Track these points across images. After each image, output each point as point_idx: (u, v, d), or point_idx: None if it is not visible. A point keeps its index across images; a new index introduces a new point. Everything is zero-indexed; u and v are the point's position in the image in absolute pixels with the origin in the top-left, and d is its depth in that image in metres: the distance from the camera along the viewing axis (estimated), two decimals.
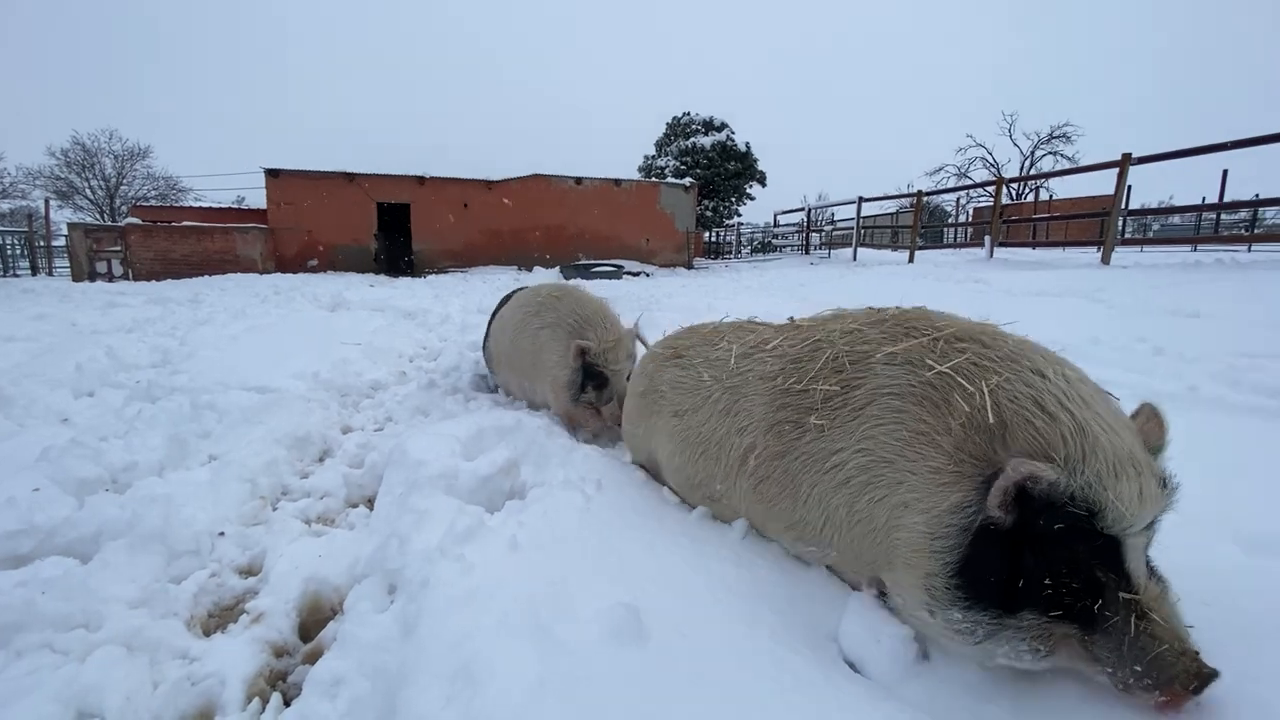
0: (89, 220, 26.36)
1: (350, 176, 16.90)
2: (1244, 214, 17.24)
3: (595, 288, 10.27)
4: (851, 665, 1.31)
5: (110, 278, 14.19)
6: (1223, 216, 17.90)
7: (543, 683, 1.18)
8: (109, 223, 22.65)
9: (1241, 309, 4.87)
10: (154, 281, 12.86)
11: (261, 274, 14.65)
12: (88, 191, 31.20)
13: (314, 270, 16.27)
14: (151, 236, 14.93)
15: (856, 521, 1.36)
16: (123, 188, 31.86)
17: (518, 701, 1.15)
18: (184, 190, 32.15)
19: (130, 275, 14.40)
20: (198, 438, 2.96)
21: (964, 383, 1.24)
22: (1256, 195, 10.63)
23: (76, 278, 14.07)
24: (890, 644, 1.28)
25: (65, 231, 15.79)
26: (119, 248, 14.54)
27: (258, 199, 18.41)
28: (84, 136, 30.53)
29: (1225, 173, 16.31)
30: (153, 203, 28.47)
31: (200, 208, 22.05)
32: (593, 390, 2.90)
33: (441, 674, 1.26)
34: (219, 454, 2.77)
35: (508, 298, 3.91)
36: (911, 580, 1.24)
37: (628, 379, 2.75)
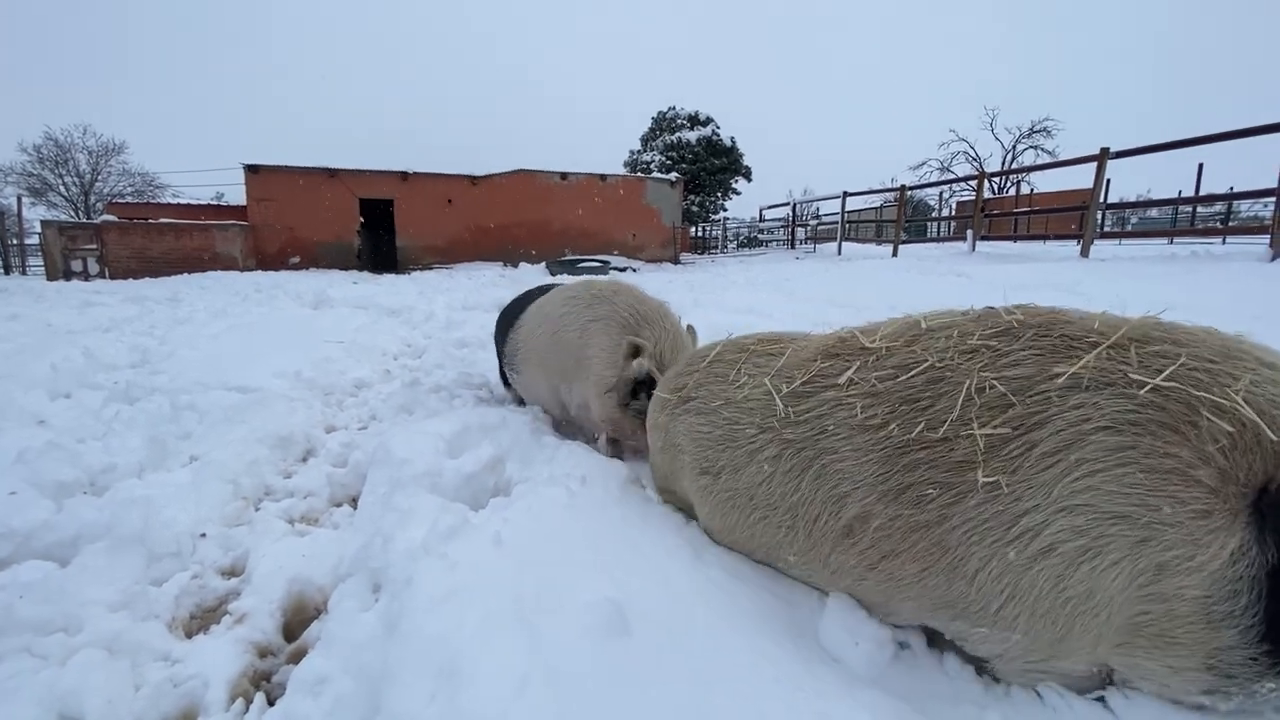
0: (63, 218, 25.85)
1: (332, 172, 16.70)
2: (1219, 207, 17.57)
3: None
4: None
5: (86, 276, 13.92)
6: (1199, 209, 18.22)
7: (527, 677, 1.19)
8: (84, 220, 22.21)
9: (1214, 301, 4.97)
10: (131, 280, 12.63)
11: (242, 272, 14.43)
12: (61, 188, 30.56)
13: (296, 268, 16.07)
14: (128, 234, 14.66)
15: (1067, 600, 1.07)
16: (98, 184, 31.24)
17: (502, 696, 1.16)
18: (161, 187, 31.57)
19: (106, 274, 14.13)
20: (178, 438, 2.93)
21: (1207, 395, 1.00)
22: (1231, 188, 10.86)
23: (51, 277, 13.78)
24: (868, 646, 1.30)
25: (39, 229, 15.46)
26: (95, 246, 14.26)
27: (237, 195, 18.16)
28: (57, 132, 29.89)
29: (1201, 166, 16.57)
30: (129, 200, 27.94)
31: (178, 204, 21.66)
32: (645, 397, 2.42)
33: (426, 671, 1.26)
34: (200, 455, 2.75)
35: (535, 292, 3.45)
36: (1182, 662, 1.01)
37: None
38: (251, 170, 16.13)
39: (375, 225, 17.85)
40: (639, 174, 20.93)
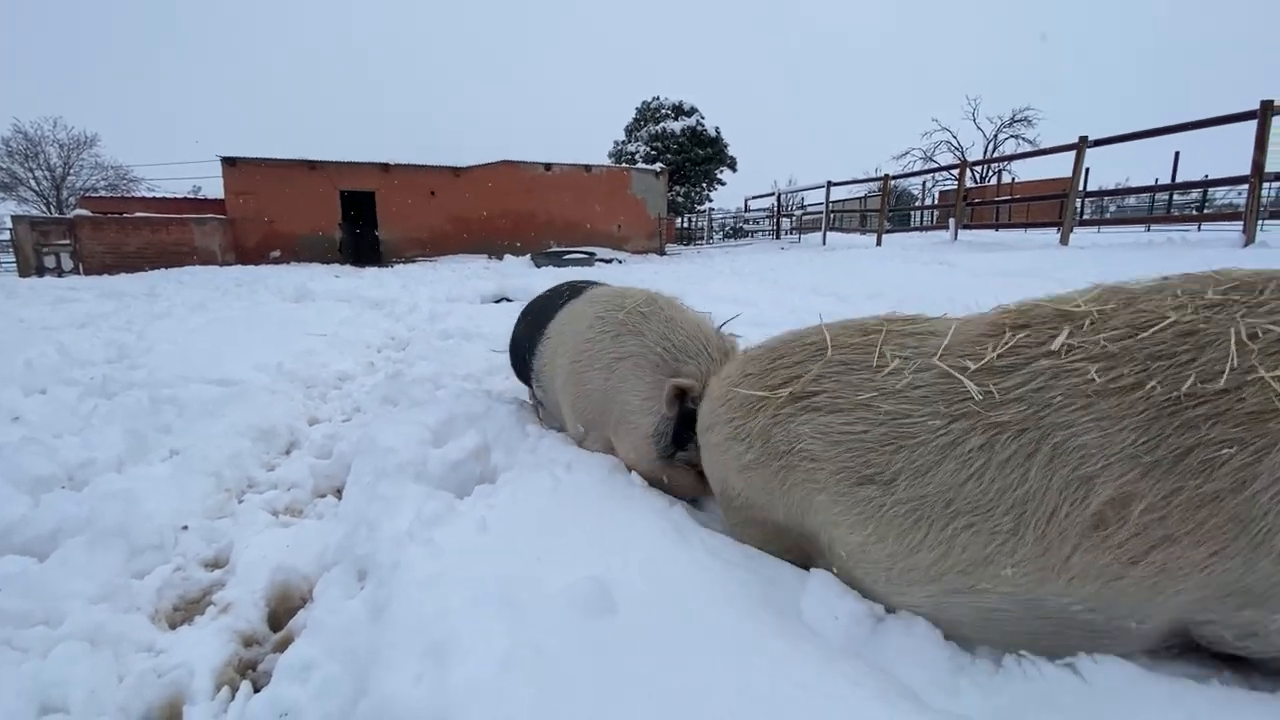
0: (34, 213, 25.25)
1: (312, 164, 16.47)
2: (1195, 194, 17.87)
3: (567, 276, 10.23)
4: None
5: (60, 272, 13.64)
6: (1175, 197, 18.52)
7: (512, 656, 1.20)
8: (56, 215, 21.72)
9: None
10: (106, 276, 12.39)
11: (221, 266, 14.22)
12: (32, 183, 29.84)
13: (277, 261, 15.86)
14: (102, 229, 14.37)
15: None
16: (70, 178, 30.55)
17: (488, 675, 1.17)
18: (135, 180, 30.94)
19: (81, 270, 13.85)
20: (158, 432, 2.89)
21: None
22: (1206, 176, 11.05)
23: (23, 273, 13.49)
24: (846, 620, 1.32)
25: (9, 225, 15.09)
26: (68, 241, 13.97)
27: (215, 189, 17.83)
28: (26, 125, 29.15)
29: (1177, 155, 16.85)
30: (102, 194, 27.34)
31: (154, 198, 21.23)
32: (696, 447, 1.97)
33: (412, 653, 1.27)
34: (181, 448, 2.72)
35: (566, 292, 2.90)
36: None
37: None
38: (229, 163, 15.86)
39: (357, 218, 17.65)
40: (624, 165, 20.85)
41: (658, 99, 23.20)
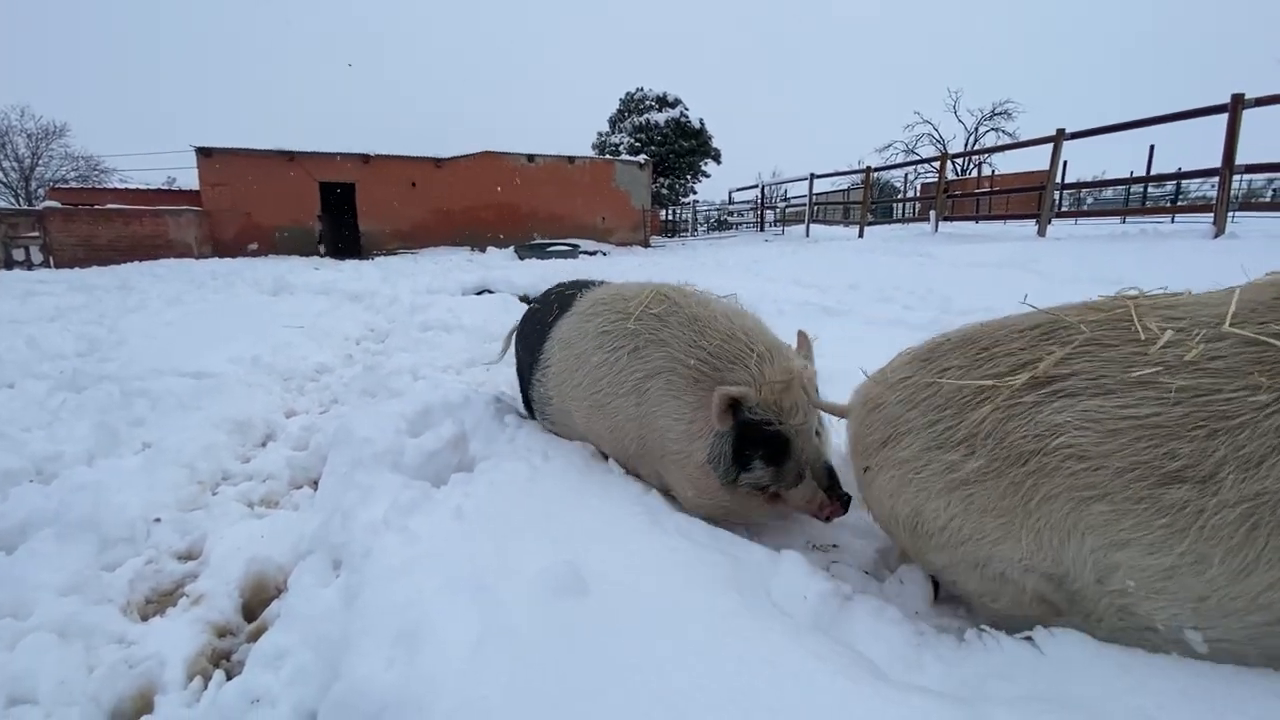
0: (2, 204, 24.57)
1: (290, 155, 16.19)
2: (1170, 187, 18.20)
3: (550, 268, 10.16)
4: None
5: (29, 266, 13.29)
6: (1150, 189, 18.84)
7: (484, 639, 1.22)
8: (25, 206, 21.15)
9: (1160, 276, 5.18)
10: (78, 269, 12.10)
11: (197, 259, 13.95)
12: None
13: (255, 254, 15.60)
14: (73, 221, 14.02)
15: None
16: (39, 169, 29.77)
17: (460, 657, 1.18)
18: (107, 171, 30.24)
19: (51, 263, 13.51)
20: (129, 425, 2.85)
21: None
22: (1179, 169, 11.26)
23: None
24: (814, 599, 1.35)
25: None
26: (37, 233, 13.61)
27: (189, 180, 17.48)
28: None
29: (1152, 148, 17.13)
30: (73, 185, 26.69)
31: (127, 189, 20.74)
32: (762, 465, 1.70)
33: (384, 638, 1.28)
34: (153, 441, 2.68)
35: (571, 291, 2.46)
36: None
37: (817, 434, 1.76)
38: (204, 153, 15.54)
39: (337, 210, 17.40)
40: (608, 156, 20.76)
41: (642, 90, 23.08)
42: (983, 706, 1.04)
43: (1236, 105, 6.96)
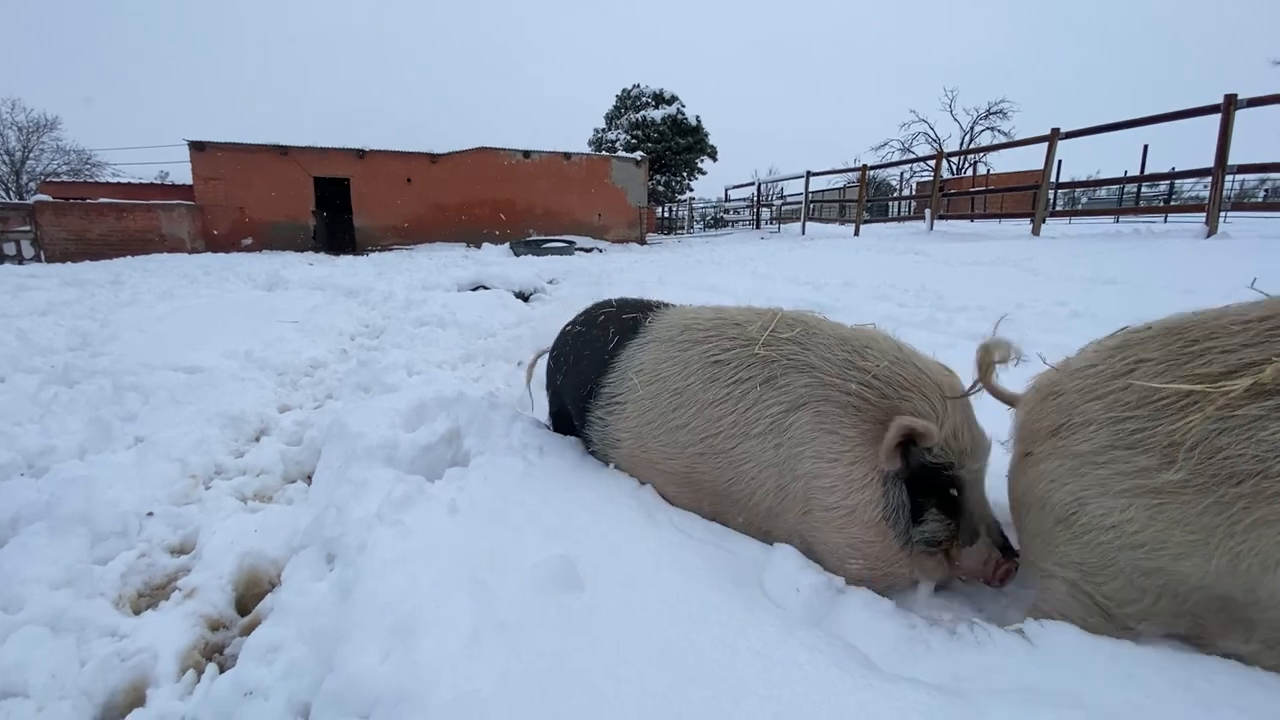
0: None
1: (284, 150, 16.10)
2: (1164, 186, 18.29)
3: (546, 264, 10.13)
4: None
5: (20, 260, 13.17)
6: (1144, 189, 18.93)
7: (478, 632, 1.22)
8: (16, 200, 20.98)
9: (1151, 275, 5.21)
10: (70, 263, 12.01)
11: (190, 254, 13.87)
12: None
13: (249, 249, 15.52)
14: (65, 215, 13.90)
15: None
16: (30, 162, 29.51)
17: (454, 650, 1.18)
18: (99, 165, 30.00)
19: (42, 257, 13.40)
20: (122, 420, 2.84)
21: None
22: (1173, 169, 11.33)
23: None
24: (807, 592, 1.36)
25: None
26: (28, 227, 13.49)
27: (183, 174, 17.34)
28: None
29: (1145, 148, 17.22)
30: (64, 178, 26.47)
31: (119, 183, 20.61)
32: (936, 517, 1.43)
33: (378, 631, 1.28)
34: (145, 436, 2.67)
35: (631, 314, 2.05)
36: None
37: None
38: (197, 147, 15.43)
39: (332, 205, 17.31)
40: (604, 153, 20.72)
41: (638, 87, 23.04)
42: (974, 698, 1.04)
43: (1229, 106, 7.00)
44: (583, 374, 2.02)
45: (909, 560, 1.45)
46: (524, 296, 7.20)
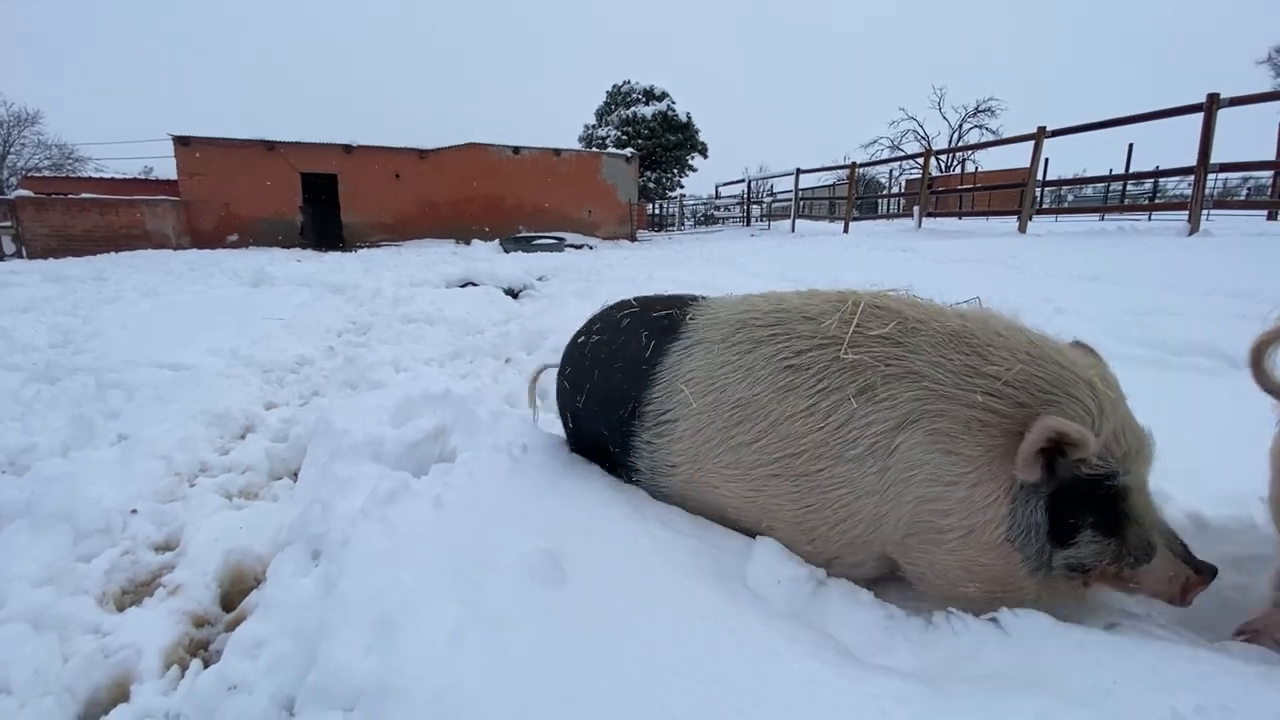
0: None
1: (270, 145, 15.95)
2: (1149, 184, 18.50)
3: (536, 261, 10.12)
4: None
5: (1, 256, 12.99)
6: (1129, 187, 19.14)
7: (462, 626, 1.23)
8: None
9: (1135, 272, 5.29)
10: (52, 260, 11.85)
11: (175, 250, 13.70)
12: None
13: (235, 246, 15.36)
14: (46, 210, 13.69)
15: None
16: (10, 157, 29.07)
17: (438, 644, 1.19)
18: (81, 160, 29.59)
19: (24, 253, 13.21)
20: (105, 417, 2.82)
21: None
22: (1157, 167, 11.48)
23: None
24: (787, 584, 1.37)
25: None
26: (9, 223, 13.29)
27: (167, 169, 17.15)
28: None
29: (1131, 146, 17.42)
30: (46, 173, 26.07)
31: (102, 179, 20.31)
32: (1093, 539, 1.24)
33: (362, 626, 1.29)
34: (129, 433, 2.65)
35: (642, 316, 1.80)
36: None
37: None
38: (181, 142, 15.25)
39: (319, 201, 17.16)
40: (594, 149, 20.67)
41: (628, 83, 22.99)
42: (948, 685, 1.07)
43: (1211, 105, 7.09)
44: (616, 391, 1.70)
45: (1038, 585, 1.27)
46: (513, 293, 7.18)
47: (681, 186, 24.61)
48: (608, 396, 1.73)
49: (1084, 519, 1.22)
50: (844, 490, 1.34)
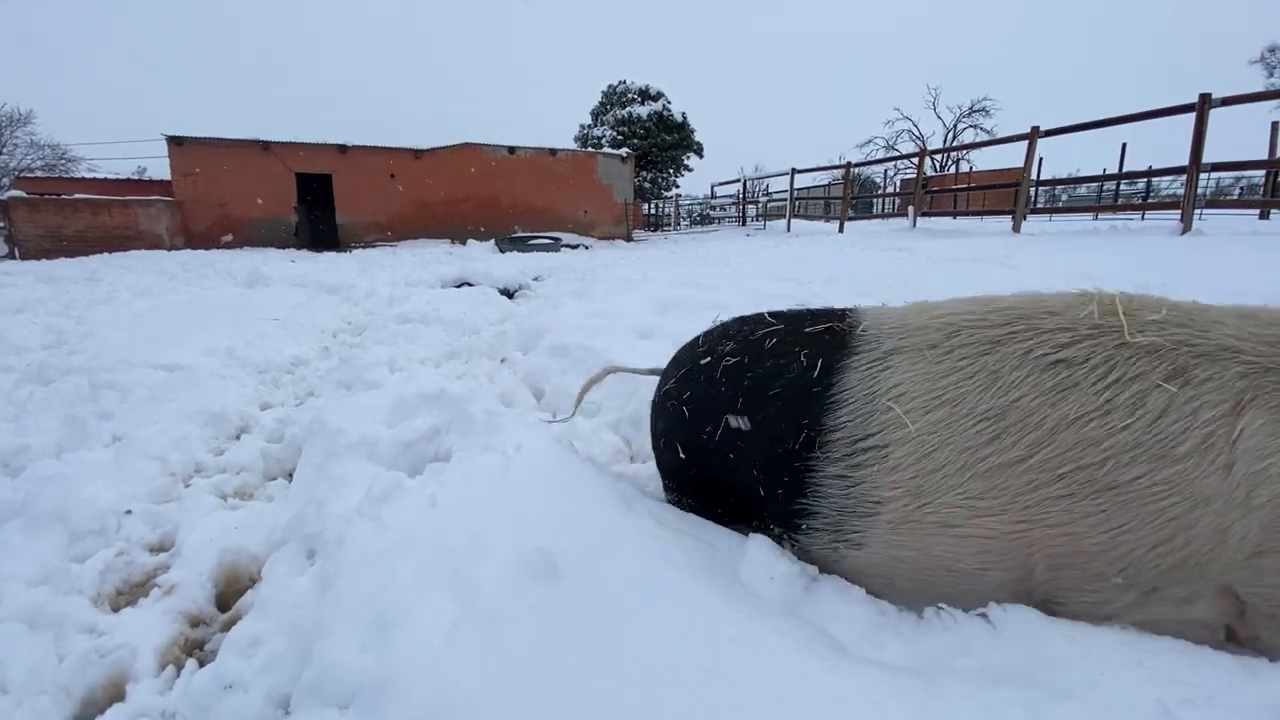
0: None
1: (265, 145, 15.91)
2: (1142, 184, 18.61)
3: (532, 261, 10.11)
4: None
5: None
6: (1122, 187, 19.25)
7: (458, 623, 1.23)
8: None
9: (1127, 271, 5.33)
10: (45, 260, 11.79)
11: (169, 251, 13.65)
12: None
13: (229, 246, 15.31)
14: (39, 211, 13.63)
15: None
16: (3, 157, 28.90)
17: (434, 642, 1.20)
18: (74, 160, 29.45)
19: (16, 254, 13.15)
20: (99, 418, 2.81)
21: None
22: (1150, 167, 11.56)
23: None
24: (781, 581, 1.39)
25: None
26: (1, 224, 13.24)
27: (160, 169, 17.05)
28: None
29: (1124, 146, 17.53)
30: (39, 174, 25.92)
31: (95, 179, 20.19)
32: None
33: (358, 624, 1.29)
34: (123, 434, 2.65)
35: (791, 334, 1.54)
36: None
37: None
38: (175, 142, 15.20)
39: (314, 201, 17.12)
40: (590, 149, 20.67)
41: (624, 83, 22.99)
42: (937, 679, 1.08)
43: (1204, 105, 7.14)
44: (777, 421, 1.43)
45: None
46: (509, 293, 7.17)
47: (677, 186, 24.65)
48: (763, 428, 1.45)
49: None
50: (1172, 500, 1.08)
